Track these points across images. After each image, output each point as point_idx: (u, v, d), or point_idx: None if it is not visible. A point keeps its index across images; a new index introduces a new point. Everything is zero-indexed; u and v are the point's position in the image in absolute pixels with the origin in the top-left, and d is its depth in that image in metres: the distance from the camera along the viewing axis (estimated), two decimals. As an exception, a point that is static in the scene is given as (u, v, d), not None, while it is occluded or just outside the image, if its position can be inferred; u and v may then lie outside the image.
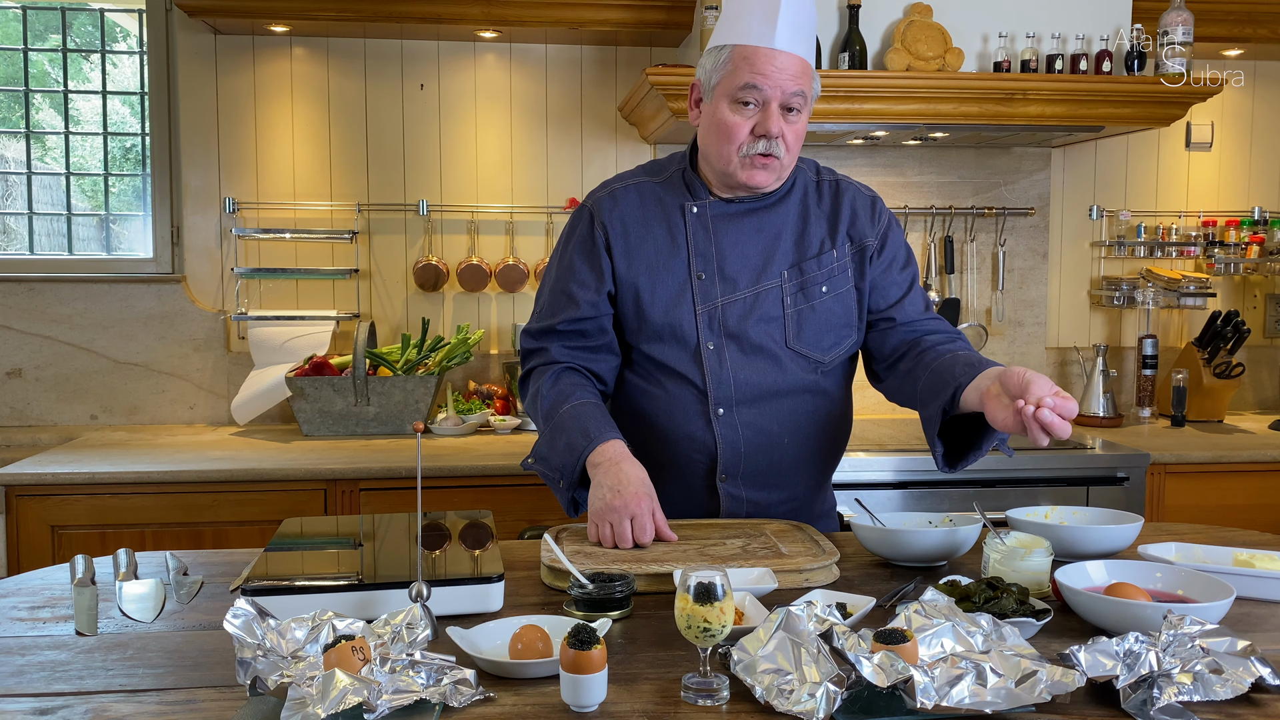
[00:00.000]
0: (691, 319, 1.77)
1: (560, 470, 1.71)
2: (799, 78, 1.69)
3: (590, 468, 1.67)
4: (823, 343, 1.80)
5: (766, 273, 1.78)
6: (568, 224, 1.88)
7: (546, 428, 1.75)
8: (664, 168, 1.87)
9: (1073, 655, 1.12)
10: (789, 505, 1.85)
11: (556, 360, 1.82)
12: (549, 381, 1.79)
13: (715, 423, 1.77)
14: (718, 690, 1.10)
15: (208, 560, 1.67)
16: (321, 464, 2.64)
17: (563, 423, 1.72)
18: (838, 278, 1.80)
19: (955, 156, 3.44)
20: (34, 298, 3.21)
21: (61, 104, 3.32)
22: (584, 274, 1.81)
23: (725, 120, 1.71)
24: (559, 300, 1.82)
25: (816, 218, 1.82)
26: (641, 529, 1.58)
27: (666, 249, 1.79)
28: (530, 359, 1.86)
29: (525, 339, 1.87)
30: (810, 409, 1.81)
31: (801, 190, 1.83)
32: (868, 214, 1.83)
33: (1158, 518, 2.85)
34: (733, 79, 1.69)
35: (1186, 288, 3.38)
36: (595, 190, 1.88)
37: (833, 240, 1.80)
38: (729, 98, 1.70)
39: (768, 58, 1.67)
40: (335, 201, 3.29)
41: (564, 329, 1.81)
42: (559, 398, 1.75)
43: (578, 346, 1.82)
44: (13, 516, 2.54)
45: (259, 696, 1.08)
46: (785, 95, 1.69)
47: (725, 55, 1.71)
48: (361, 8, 3.00)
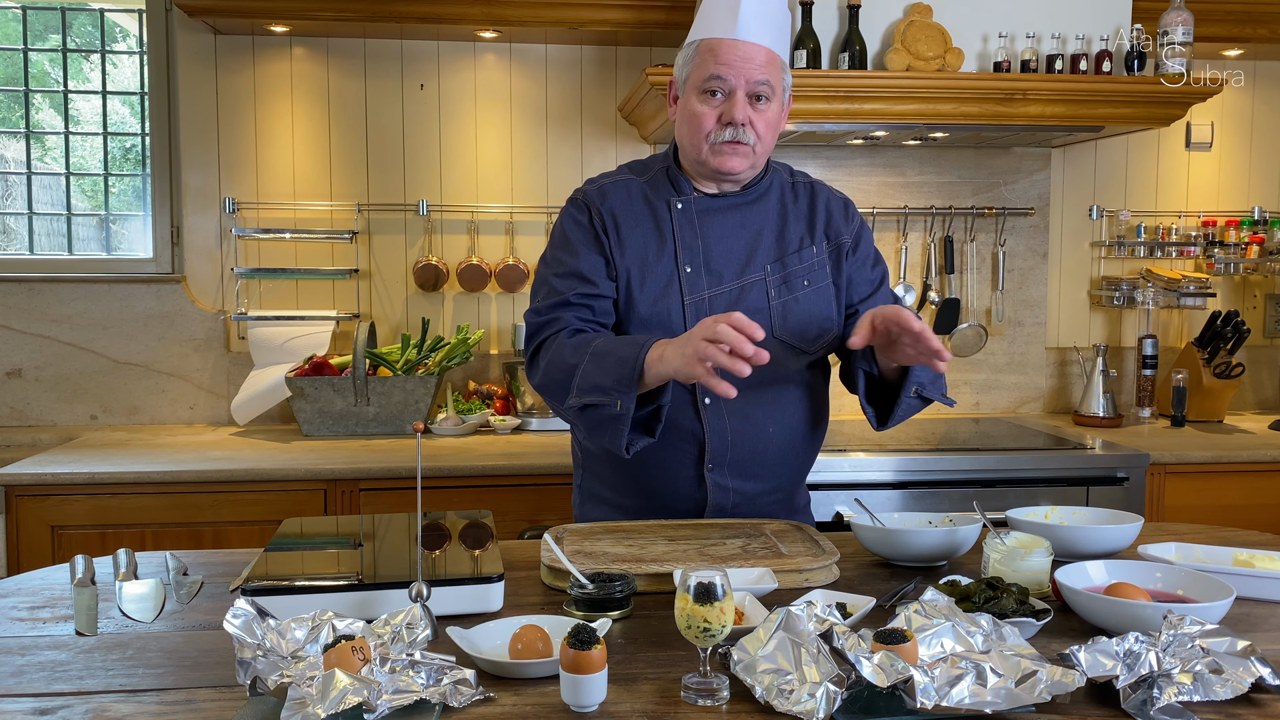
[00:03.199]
0: (679, 310, 1.80)
1: (618, 384, 1.60)
2: (764, 67, 1.74)
3: (650, 366, 1.58)
4: (807, 333, 1.84)
5: (750, 266, 1.82)
6: (562, 216, 1.87)
7: (585, 361, 1.65)
8: (648, 166, 1.91)
9: (1073, 655, 1.12)
10: (774, 496, 1.88)
11: (569, 324, 1.75)
12: (566, 336, 1.72)
13: (703, 411, 1.80)
14: (718, 690, 1.10)
15: (208, 560, 1.67)
16: (321, 464, 2.64)
17: (603, 348, 1.65)
18: (817, 272, 1.85)
19: (955, 156, 3.44)
20: (34, 298, 3.21)
21: (61, 104, 3.32)
22: (590, 257, 1.79)
23: (694, 110, 1.76)
24: (568, 281, 1.78)
25: (795, 216, 1.87)
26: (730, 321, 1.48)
27: (654, 243, 1.82)
28: (541, 332, 1.77)
29: (531, 318, 1.80)
30: (794, 399, 1.86)
31: (778, 191, 1.89)
32: (842, 214, 1.89)
33: (1158, 518, 2.85)
34: (700, 71, 1.76)
35: (1186, 288, 3.38)
36: (584, 185, 1.90)
37: (811, 237, 1.86)
38: (697, 89, 1.76)
39: (730, 47, 1.73)
40: (335, 201, 3.29)
41: (576, 301, 1.76)
42: (583, 341, 1.69)
43: (588, 320, 1.77)
44: (13, 516, 2.54)
45: (259, 696, 1.08)
46: (750, 84, 1.74)
47: (693, 50, 1.78)
48: (361, 8, 3.00)
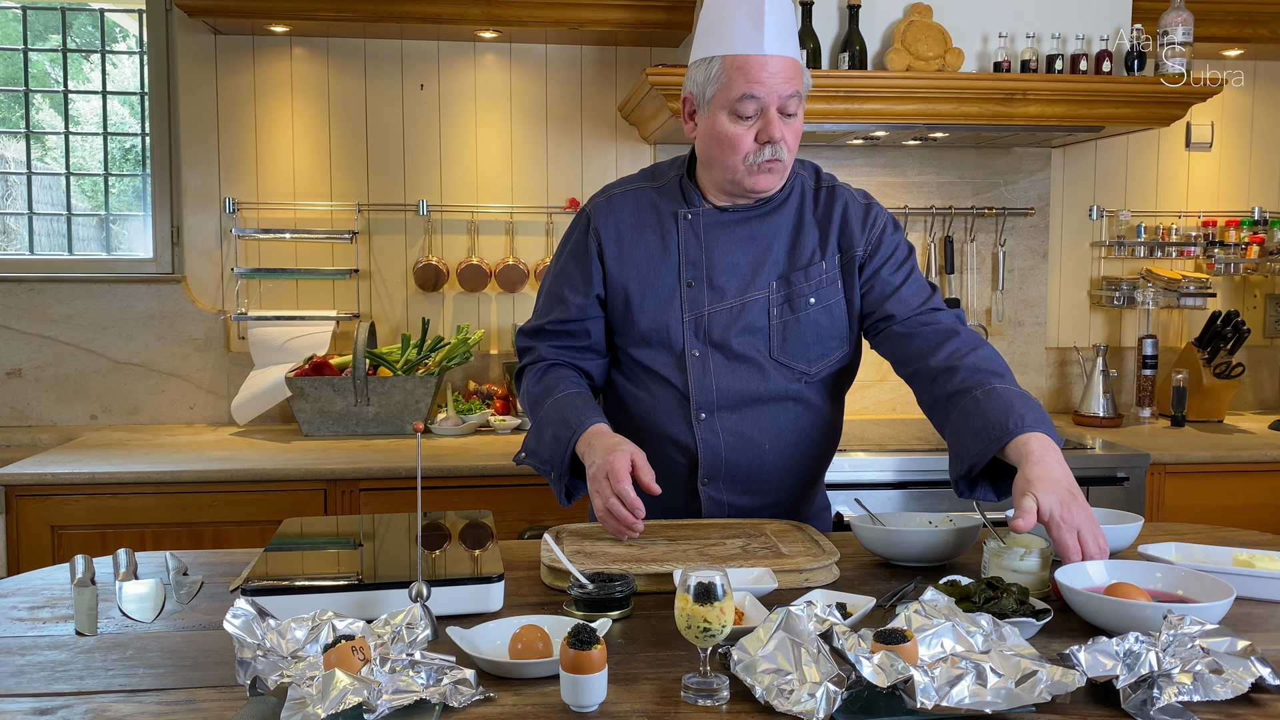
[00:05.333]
0: (679, 325, 1.79)
1: (551, 462, 1.75)
2: (792, 79, 1.69)
3: (579, 455, 1.70)
4: (808, 354, 1.79)
5: (755, 283, 1.78)
6: (568, 228, 1.92)
7: (534, 423, 1.80)
8: (663, 173, 1.88)
9: (1073, 655, 1.12)
10: (773, 511, 1.85)
11: (544, 358, 1.87)
12: (534, 379, 1.85)
13: (697, 427, 1.79)
14: (718, 690, 1.10)
15: (208, 560, 1.67)
16: (321, 464, 2.64)
17: (548, 416, 1.76)
18: (826, 289, 1.79)
19: (955, 156, 3.44)
20: (34, 298, 3.21)
21: (61, 104, 3.32)
22: (574, 277, 1.85)
23: (727, 132, 1.70)
24: (550, 301, 1.88)
25: (810, 226, 1.81)
26: (616, 478, 1.56)
27: (658, 255, 1.81)
28: (523, 357, 1.93)
29: (520, 337, 1.93)
30: (793, 417, 1.81)
31: (799, 198, 1.82)
32: (859, 222, 1.80)
33: (1158, 518, 2.85)
34: (728, 91, 1.68)
35: (1186, 288, 3.38)
36: (595, 195, 1.91)
37: (823, 250, 1.79)
38: (727, 110, 1.69)
39: (760, 65, 1.66)
40: (335, 201, 3.29)
41: (551, 329, 1.86)
42: (544, 392, 1.80)
43: (564, 346, 1.87)
44: (13, 516, 2.54)
45: (259, 696, 1.08)
46: (782, 99, 1.68)
47: (716, 67, 1.69)
48: (361, 8, 3.00)
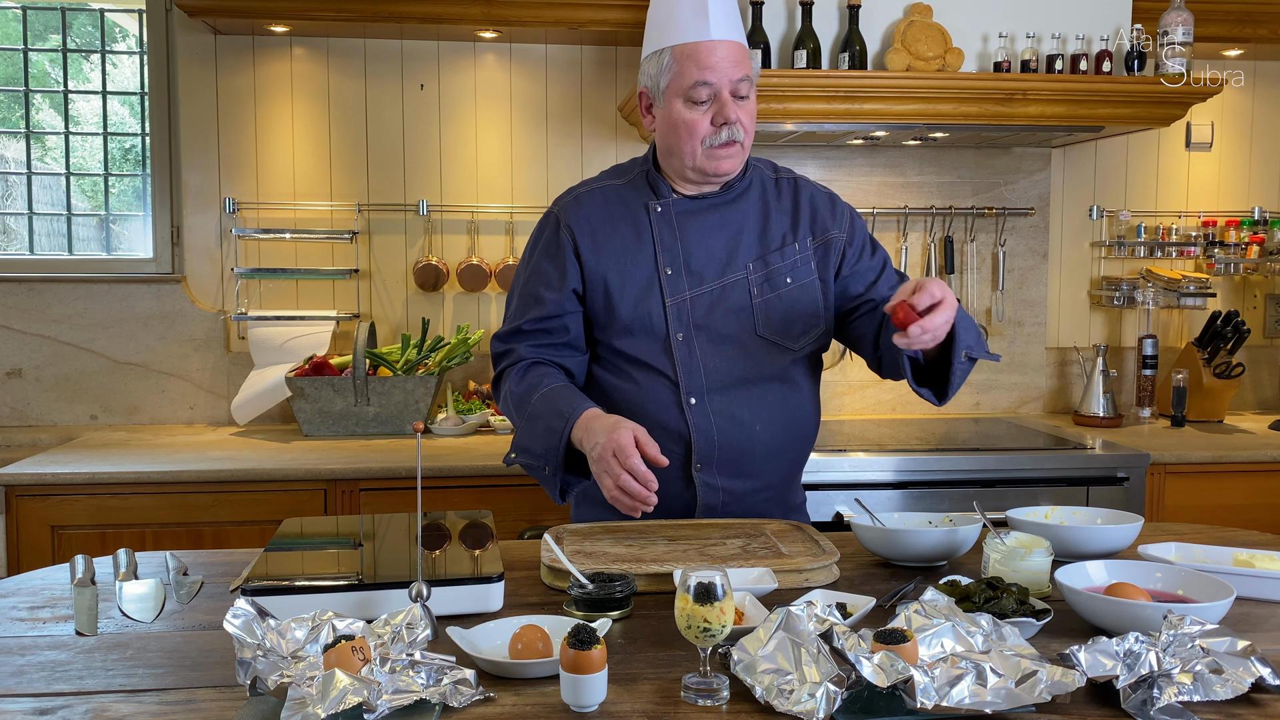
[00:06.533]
0: (660, 312, 1.81)
1: (544, 455, 1.74)
2: (740, 63, 1.77)
3: (576, 443, 1.70)
4: (791, 330, 1.84)
5: (731, 266, 1.83)
6: (534, 231, 1.93)
7: (522, 420, 1.79)
8: (627, 170, 1.93)
9: (1073, 655, 1.12)
10: (765, 495, 1.88)
11: (523, 358, 1.86)
12: (516, 378, 1.84)
13: (688, 412, 1.80)
14: (718, 690, 1.10)
15: (208, 560, 1.67)
16: (321, 464, 2.64)
17: (537, 410, 1.76)
18: (800, 269, 1.85)
19: (955, 156, 3.44)
20: (34, 298, 3.21)
21: (61, 104, 3.32)
22: (549, 275, 1.85)
23: (684, 118, 1.77)
24: (525, 302, 1.88)
25: (778, 212, 1.88)
26: (624, 454, 1.58)
27: (633, 246, 1.84)
28: (500, 362, 1.91)
29: (495, 344, 1.92)
30: (780, 397, 1.85)
31: (760, 188, 1.89)
32: (828, 210, 1.90)
33: (1158, 518, 2.85)
34: (681, 79, 1.76)
35: (1186, 288, 3.38)
36: (560, 197, 1.93)
37: (794, 234, 1.86)
38: (682, 97, 1.77)
39: (709, 50, 1.75)
40: (335, 201, 3.29)
41: (529, 328, 1.86)
42: (529, 389, 1.79)
43: (543, 344, 1.87)
44: (13, 516, 2.54)
45: (259, 696, 1.08)
46: (733, 83, 1.76)
47: (668, 58, 1.78)
48: (361, 8, 3.00)
